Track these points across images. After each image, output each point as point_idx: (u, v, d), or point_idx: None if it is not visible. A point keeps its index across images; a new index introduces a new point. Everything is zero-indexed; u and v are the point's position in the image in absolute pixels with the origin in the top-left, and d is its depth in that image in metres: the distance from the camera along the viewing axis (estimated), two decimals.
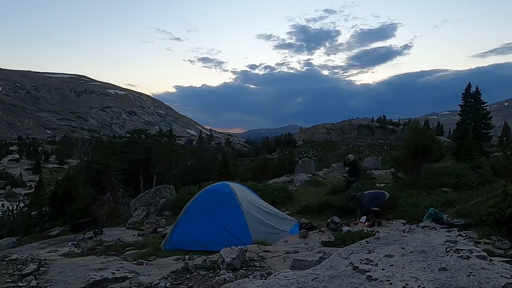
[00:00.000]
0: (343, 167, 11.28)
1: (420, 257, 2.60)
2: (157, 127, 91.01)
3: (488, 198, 7.31)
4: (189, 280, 3.84)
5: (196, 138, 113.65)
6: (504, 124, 65.41)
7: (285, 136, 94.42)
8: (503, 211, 5.92)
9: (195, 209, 8.08)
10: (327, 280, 2.37)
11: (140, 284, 3.78)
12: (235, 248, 4.36)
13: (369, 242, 3.11)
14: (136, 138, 25.83)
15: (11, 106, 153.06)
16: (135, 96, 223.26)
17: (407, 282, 2.18)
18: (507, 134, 57.90)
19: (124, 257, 6.63)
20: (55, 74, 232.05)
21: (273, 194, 13.39)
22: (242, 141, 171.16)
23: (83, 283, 4.14)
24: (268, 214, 8.63)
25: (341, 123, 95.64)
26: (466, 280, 2.12)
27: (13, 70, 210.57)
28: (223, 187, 8.63)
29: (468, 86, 28.95)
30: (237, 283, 2.66)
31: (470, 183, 12.00)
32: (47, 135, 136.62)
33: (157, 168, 23.19)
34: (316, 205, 11.20)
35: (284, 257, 4.64)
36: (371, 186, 12.18)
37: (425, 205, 9.22)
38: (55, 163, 76.03)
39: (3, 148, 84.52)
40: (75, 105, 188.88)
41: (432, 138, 13.59)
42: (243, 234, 7.22)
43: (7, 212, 16.01)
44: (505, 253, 5.08)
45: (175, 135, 35.95)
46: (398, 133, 78.00)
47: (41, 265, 4.86)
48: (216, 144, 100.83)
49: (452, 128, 50.49)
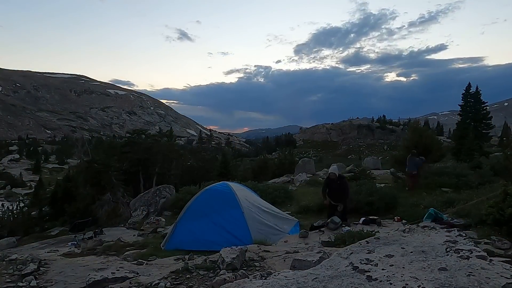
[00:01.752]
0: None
1: (420, 257, 2.60)
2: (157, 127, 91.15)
3: (488, 198, 7.32)
4: (189, 280, 3.83)
5: (196, 138, 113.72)
6: (504, 124, 65.35)
7: (285, 136, 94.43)
8: (503, 211, 5.92)
9: (195, 209, 8.08)
10: (327, 280, 2.37)
11: (140, 284, 3.78)
12: (235, 248, 4.36)
13: (369, 242, 3.11)
14: (136, 138, 25.83)
15: (11, 106, 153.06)
16: (135, 96, 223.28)
17: (407, 282, 2.18)
18: (507, 134, 57.87)
19: (124, 257, 6.62)
20: (55, 74, 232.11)
21: (273, 194, 13.37)
22: (242, 141, 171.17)
23: (83, 283, 4.13)
24: (268, 214, 8.62)
25: (341, 123, 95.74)
26: (466, 280, 2.12)
27: (13, 70, 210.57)
28: (223, 187, 8.63)
29: (468, 86, 28.95)
30: (237, 283, 2.67)
31: (470, 183, 12.01)
32: (47, 135, 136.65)
33: (157, 168, 23.20)
34: (316, 205, 11.19)
35: (284, 257, 4.64)
36: (371, 186, 12.16)
37: (425, 205, 9.23)
38: (55, 163, 76.04)
39: (3, 148, 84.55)
40: (75, 105, 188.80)
41: (432, 138, 13.61)
42: (243, 234, 7.22)
43: (7, 212, 15.98)
44: (505, 253, 5.08)
45: (175, 135, 35.97)
46: (398, 133, 78.03)
47: (41, 265, 4.85)
48: (216, 144, 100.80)
49: (452, 128, 50.49)
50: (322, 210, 10.95)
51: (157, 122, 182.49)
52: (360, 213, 9.65)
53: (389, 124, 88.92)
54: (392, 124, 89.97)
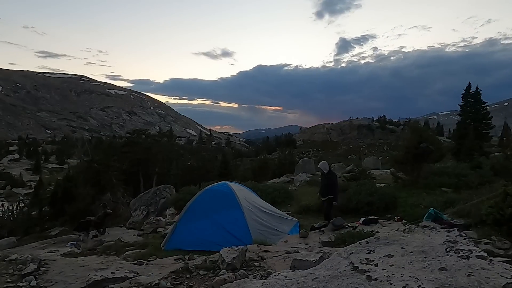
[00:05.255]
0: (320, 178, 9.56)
1: (420, 257, 2.60)
2: (157, 127, 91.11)
3: (488, 198, 7.31)
4: (189, 280, 3.84)
5: (196, 138, 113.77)
6: (504, 124, 65.32)
7: (285, 136, 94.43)
8: (503, 211, 5.92)
9: (195, 209, 8.08)
10: (327, 280, 2.37)
11: (140, 284, 3.78)
12: (235, 248, 4.36)
13: (369, 242, 3.11)
14: (136, 138, 25.84)
15: (11, 106, 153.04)
16: (135, 96, 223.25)
17: (407, 282, 2.18)
18: (507, 134, 57.84)
19: (124, 257, 6.63)
20: (55, 74, 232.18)
21: (273, 194, 13.38)
22: (242, 141, 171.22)
23: (83, 283, 4.14)
24: (268, 214, 8.62)
25: (341, 123, 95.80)
26: (466, 280, 2.12)
27: (13, 70, 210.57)
28: (223, 187, 8.63)
29: (468, 86, 28.93)
30: (237, 283, 2.67)
31: (470, 183, 12.01)
32: (47, 135, 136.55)
33: (157, 168, 23.21)
34: (316, 205, 11.20)
35: (284, 257, 4.65)
36: (371, 186, 12.16)
37: (425, 205, 9.24)
38: (55, 163, 75.94)
39: (3, 148, 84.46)
40: (75, 105, 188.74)
41: (432, 138, 13.62)
42: (243, 234, 7.22)
43: (7, 212, 15.97)
44: (505, 253, 5.08)
45: (175, 135, 35.98)
46: (398, 133, 78.07)
47: (41, 265, 4.85)
48: (216, 144, 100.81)
49: (452, 128, 50.50)
50: (322, 210, 10.96)
51: (157, 122, 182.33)
52: (360, 213, 9.67)
53: (389, 124, 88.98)
54: (392, 124, 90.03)
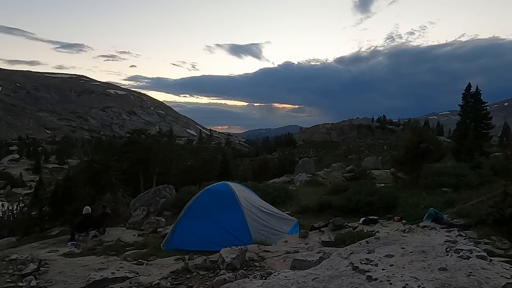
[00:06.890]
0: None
1: (420, 257, 2.60)
2: (157, 127, 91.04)
3: (488, 198, 7.31)
4: (189, 280, 3.84)
5: (196, 138, 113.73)
6: (504, 124, 65.39)
7: (285, 136, 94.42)
8: (503, 211, 5.92)
9: (195, 209, 8.08)
10: (327, 280, 2.37)
11: (140, 284, 3.78)
12: (235, 248, 4.36)
13: (369, 242, 3.11)
14: (136, 138, 25.81)
15: (11, 106, 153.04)
16: (135, 96, 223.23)
17: (407, 282, 2.18)
18: (507, 134, 57.94)
19: (124, 257, 6.63)
20: (55, 74, 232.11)
21: (273, 194, 13.39)
22: (242, 141, 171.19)
23: (83, 283, 4.14)
24: (268, 214, 8.63)
25: (341, 123, 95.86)
26: (466, 280, 2.12)
27: (13, 70, 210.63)
28: (223, 187, 8.64)
29: (468, 86, 28.94)
30: (237, 283, 2.66)
31: (470, 183, 12.03)
32: (47, 135, 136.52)
33: (157, 168, 23.19)
34: (316, 205, 11.21)
35: (284, 257, 4.65)
36: (371, 186, 12.18)
37: (425, 205, 9.24)
38: (55, 163, 75.93)
39: (3, 148, 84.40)
40: (75, 105, 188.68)
41: (432, 138, 13.63)
42: (243, 234, 7.22)
43: (7, 212, 15.96)
44: (505, 253, 5.08)
45: (175, 135, 35.96)
46: (398, 133, 78.06)
47: (41, 265, 4.85)
48: (216, 144, 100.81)
49: (452, 128, 50.46)
50: (322, 210, 10.98)
51: (157, 122, 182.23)
52: (360, 213, 9.67)
53: (389, 124, 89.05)
54: (392, 124, 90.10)
